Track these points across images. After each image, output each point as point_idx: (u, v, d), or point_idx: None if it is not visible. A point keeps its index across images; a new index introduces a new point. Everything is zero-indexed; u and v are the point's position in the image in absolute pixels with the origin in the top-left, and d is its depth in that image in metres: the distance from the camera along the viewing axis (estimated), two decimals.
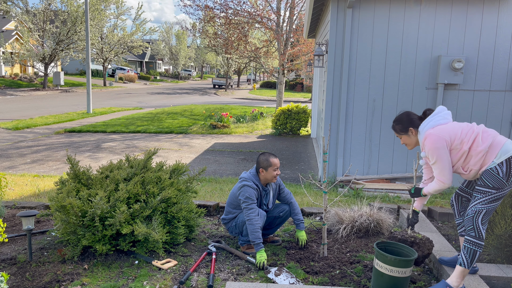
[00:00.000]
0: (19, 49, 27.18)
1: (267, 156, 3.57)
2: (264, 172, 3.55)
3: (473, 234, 2.72)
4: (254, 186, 3.52)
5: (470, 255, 2.69)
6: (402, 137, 3.03)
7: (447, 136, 2.75)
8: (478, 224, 2.71)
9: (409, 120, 2.96)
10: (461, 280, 2.72)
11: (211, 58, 55.10)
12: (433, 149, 2.74)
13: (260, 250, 3.29)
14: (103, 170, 3.80)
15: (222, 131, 12.39)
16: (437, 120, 2.84)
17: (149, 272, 3.17)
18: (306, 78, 35.20)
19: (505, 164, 2.66)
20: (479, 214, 2.72)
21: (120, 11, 33.81)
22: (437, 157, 2.75)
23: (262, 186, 3.62)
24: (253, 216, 3.39)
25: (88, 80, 17.20)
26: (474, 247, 2.70)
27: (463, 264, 2.71)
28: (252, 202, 3.44)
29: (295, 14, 15.06)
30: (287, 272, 3.19)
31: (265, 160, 3.54)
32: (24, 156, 8.38)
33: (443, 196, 5.65)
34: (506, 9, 5.78)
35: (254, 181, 3.56)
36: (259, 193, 3.58)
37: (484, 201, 2.71)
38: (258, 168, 3.60)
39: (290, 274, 3.16)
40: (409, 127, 2.95)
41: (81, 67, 43.19)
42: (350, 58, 6.05)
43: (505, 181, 2.66)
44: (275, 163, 3.54)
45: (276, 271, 3.19)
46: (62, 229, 3.34)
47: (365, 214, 4.13)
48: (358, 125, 6.19)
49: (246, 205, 3.44)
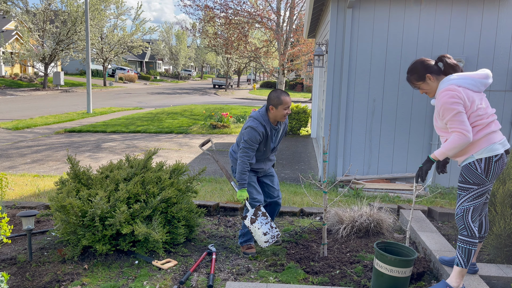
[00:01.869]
0: (19, 49, 27.19)
1: (279, 94, 3.38)
2: (274, 110, 3.40)
3: (466, 233, 2.72)
4: (261, 129, 3.40)
5: (465, 254, 2.70)
6: (421, 86, 2.85)
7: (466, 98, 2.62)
8: (469, 222, 2.71)
9: (424, 67, 2.79)
10: (460, 280, 2.72)
11: (211, 58, 55.10)
12: (450, 103, 2.60)
13: (242, 189, 3.46)
14: (103, 170, 3.80)
15: (222, 131, 12.39)
16: (467, 83, 2.68)
17: (149, 272, 3.17)
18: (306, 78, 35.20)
19: (484, 162, 2.64)
20: (468, 212, 2.71)
21: (120, 11, 33.81)
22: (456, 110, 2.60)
23: (271, 125, 3.49)
24: (245, 160, 3.42)
25: (88, 80, 17.20)
26: (468, 245, 2.70)
27: (460, 264, 2.71)
28: (250, 146, 3.40)
29: (295, 14, 15.06)
30: (263, 216, 3.43)
31: (276, 97, 3.37)
32: (24, 156, 8.38)
33: (443, 196, 5.65)
34: (506, 9, 5.78)
35: (262, 122, 3.43)
36: (266, 134, 3.47)
37: (469, 198, 2.70)
38: (268, 105, 3.43)
39: (266, 218, 3.45)
40: (426, 74, 2.78)
41: (81, 67, 43.18)
42: (350, 58, 6.05)
43: (484, 177, 2.65)
44: (286, 102, 3.36)
45: (251, 217, 3.44)
46: (62, 229, 3.34)
47: (365, 214, 4.13)
48: (358, 125, 6.20)
49: (244, 147, 3.42)
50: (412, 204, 3.18)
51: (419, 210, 4.59)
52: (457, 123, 2.61)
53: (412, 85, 2.91)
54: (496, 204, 3.41)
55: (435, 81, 2.78)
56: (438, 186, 6.09)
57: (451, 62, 2.78)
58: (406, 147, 6.19)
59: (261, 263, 3.41)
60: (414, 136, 6.16)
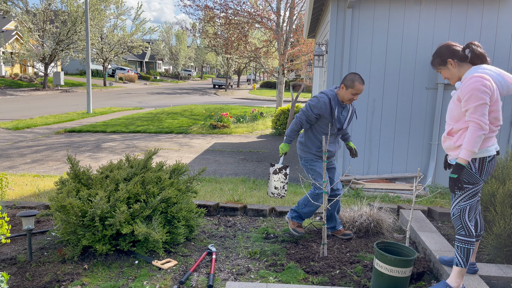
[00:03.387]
0: (19, 49, 27.18)
1: (355, 78, 3.51)
2: (343, 89, 3.56)
3: (463, 233, 2.73)
4: (324, 100, 3.57)
5: (464, 253, 2.70)
6: (442, 71, 2.79)
7: (495, 94, 2.56)
8: (466, 222, 2.72)
9: (449, 51, 2.70)
10: (460, 280, 2.72)
11: (211, 58, 55.12)
12: (481, 91, 2.50)
13: (285, 144, 3.75)
14: (103, 170, 3.80)
15: (222, 131, 12.39)
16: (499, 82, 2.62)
17: (149, 272, 3.17)
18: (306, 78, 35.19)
19: (478, 161, 2.65)
20: (465, 211, 2.73)
21: (120, 11, 33.80)
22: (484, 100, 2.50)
23: (339, 101, 3.64)
24: (298, 121, 3.70)
25: (88, 80, 17.21)
26: (466, 245, 2.71)
27: (459, 264, 2.72)
28: (307, 111, 3.63)
29: (295, 14, 15.06)
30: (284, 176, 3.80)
31: (351, 80, 3.51)
32: (24, 156, 8.38)
33: (443, 196, 5.65)
34: (506, 9, 5.78)
35: (328, 95, 3.59)
36: (330, 107, 3.58)
37: (465, 197, 2.72)
38: (340, 83, 3.62)
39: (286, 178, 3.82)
40: (448, 59, 2.70)
41: (81, 67, 43.18)
42: (350, 58, 6.05)
43: (478, 176, 2.67)
44: (357, 88, 3.50)
45: (276, 169, 3.82)
46: (62, 229, 3.34)
47: (365, 214, 4.13)
48: (358, 125, 6.19)
49: (303, 110, 3.66)
50: (412, 204, 3.18)
51: (419, 210, 4.59)
52: (479, 114, 2.50)
53: (435, 69, 2.85)
54: (496, 204, 3.41)
55: (457, 67, 2.70)
56: (438, 186, 6.09)
57: (479, 51, 2.67)
58: (406, 147, 6.20)
59: (261, 263, 3.41)
60: (414, 136, 6.16)
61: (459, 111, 2.64)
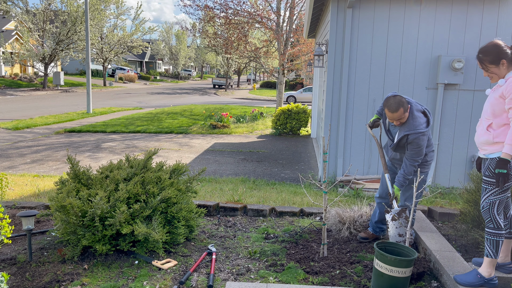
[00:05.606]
0: (19, 49, 27.20)
1: (386, 104, 3.40)
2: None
3: (492, 226, 2.81)
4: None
5: (494, 245, 2.81)
6: (491, 69, 2.84)
7: None
8: (495, 215, 2.80)
9: (501, 51, 2.78)
10: (492, 269, 2.84)
11: (211, 58, 55.11)
12: None
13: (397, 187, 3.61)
14: (103, 170, 3.80)
15: (222, 131, 12.39)
16: None
17: (149, 272, 3.17)
18: (306, 78, 35.20)
19: None
20: (494, 205, 2.80)
21: (120, 11, 33.83)
22: None
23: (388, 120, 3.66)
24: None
25: (88, 80, 17.21)
26: (495, 237, 2.80)
27: (490, 255, 2.82)
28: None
29: (295, 14, 15.06)
30: (405, 219, 3.46)
31: (384, 103, 3.44)
32: (24, 156, 8.38)
33: (443, 196, 5.65)
34: (506, 9, 5.78)
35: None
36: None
37: (495, 192, 2.78)
38: None
39: (407, 222, 3.43)
40: (501, 59, 2.77)
41: (81, 67, 43.18)
42: (350, 58, 6.05)
43: (510, 172, 2.70)
44: (386, 113, 3.42)
45: (395, 215, 3.50)
46: (62, 229, 3.34)
47: (365, 214, 4.13)
48: (358, 125, 6.19)
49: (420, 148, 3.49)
50: (412, 204, 3.17)
51: (419, 210, 4.59)
52: None
53: (481, 65, 2.89)
54: None
55: (506, 68, 2.79)
56: (438, 186, 6.09)
57: None
58: None
59: (261, 263, 3.41)
60: None
61: (501, 107, 2.75)
